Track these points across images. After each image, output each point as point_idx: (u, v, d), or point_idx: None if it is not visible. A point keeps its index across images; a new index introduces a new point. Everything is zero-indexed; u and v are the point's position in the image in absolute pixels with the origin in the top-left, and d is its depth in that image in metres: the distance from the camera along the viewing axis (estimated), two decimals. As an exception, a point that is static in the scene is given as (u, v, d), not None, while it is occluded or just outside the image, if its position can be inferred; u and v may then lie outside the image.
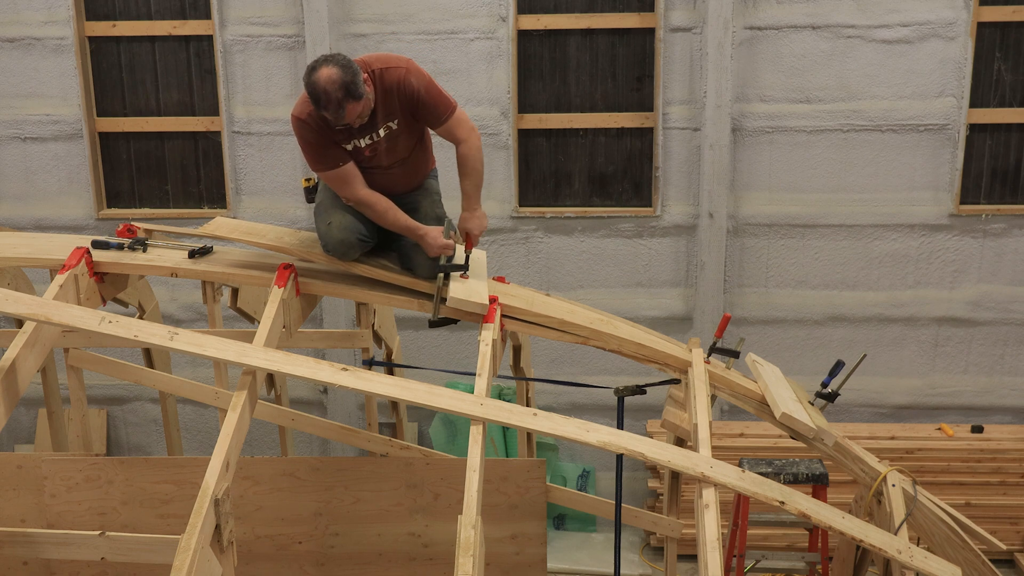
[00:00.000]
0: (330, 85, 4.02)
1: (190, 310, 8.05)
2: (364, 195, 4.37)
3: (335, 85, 4.02)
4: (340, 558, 5.38)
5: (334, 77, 4.02)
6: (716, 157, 7.43)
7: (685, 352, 4.74)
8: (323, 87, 4.02)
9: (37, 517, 5.26)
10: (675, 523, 5.05)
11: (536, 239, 7.84)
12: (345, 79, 4.03)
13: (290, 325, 4.30)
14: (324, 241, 4.43)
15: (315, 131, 4.24)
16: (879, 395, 7.95)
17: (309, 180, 4.59)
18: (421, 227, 4.40)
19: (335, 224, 4.37)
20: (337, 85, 4.02)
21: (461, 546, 3.31)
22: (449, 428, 7.95)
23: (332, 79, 4.02)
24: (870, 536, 4.14)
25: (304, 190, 4.61)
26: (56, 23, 7.60)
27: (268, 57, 7.59)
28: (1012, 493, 7.37)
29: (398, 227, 4.42)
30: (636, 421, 7.78)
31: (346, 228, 4.36)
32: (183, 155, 7.92)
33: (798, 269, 7.80)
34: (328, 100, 4.04)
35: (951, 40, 7.30)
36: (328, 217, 4.40)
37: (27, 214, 7.95)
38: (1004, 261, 7.70)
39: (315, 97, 4.06)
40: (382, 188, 4.45)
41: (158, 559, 3.34)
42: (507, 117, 7.60)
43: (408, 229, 4.41)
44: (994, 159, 7.61)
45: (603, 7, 7.50)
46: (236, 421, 3.61)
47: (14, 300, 3.86)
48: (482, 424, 3.82)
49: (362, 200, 4.37)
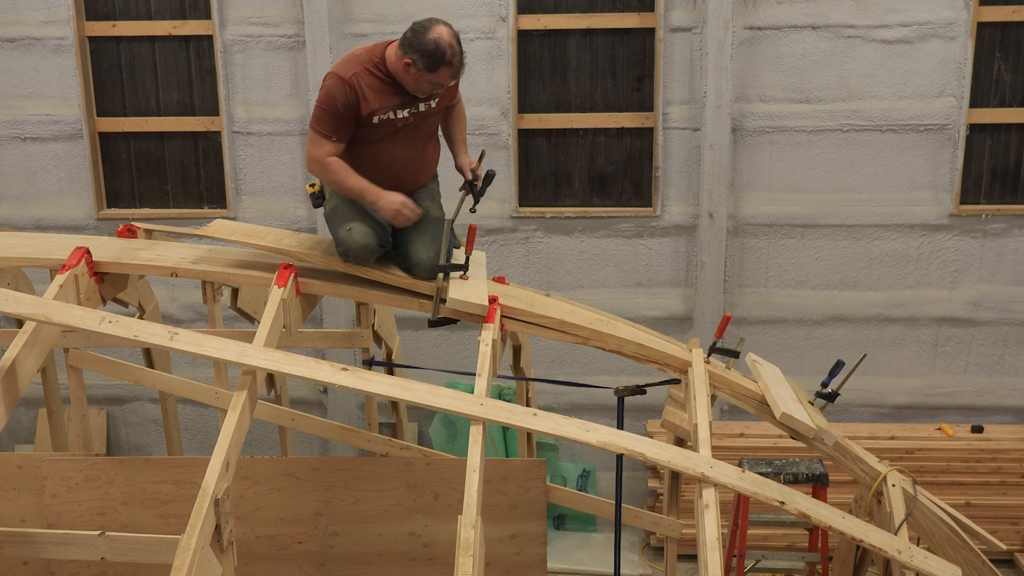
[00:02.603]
0: (455, 40, 4.14)
1: (190, 310, 8.05)
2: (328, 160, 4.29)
3: (457, 41, 4.16)
4: (340, 558, 5.38)
5: (452, 33, 4.19)
6: (716, 157, 7.43)
7: (685, 352, 4.74)
8: (449, 41, 4.11)
9: (37, 517, 5.26)
10: (675, 523, 5.05)
11: (536, 239, 7.84)
12: (458, 35, 4.18)
13: (290, 325, 4.30)
14: (344, 247, 4.36)
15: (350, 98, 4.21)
16: (879, 395, 7.95)
17: (313, 186, 4.54)
18: (373, 191, 4.30)
19: (356, 230, 4.32)
20: (457, 40, 4.16)
21: (461, 546, 3.31)
22: (449, 428, 7.95)
23: (452, 35, 4.16)
24: (870, 536, 4.14)
25: (310, 196, 4.54)
26: (56, 23, 7.60)
27: (268, 57, 7.58)
28: (1012, 493, 7.37)
29: (352, 193, 4.33)
30: (636, 421, 7.78)
31: (367, 234, 4.33)
32: (183, 155, 7.92)
33: (798, 269, 7.80)
34: (454, 53, 4.13)
35: (951, 40, 7.30)
36: (348, 223, 4.35)
37: (27, 214, 7.95)
38: (1004, 261, 7.70)
39: (440, 53, 4.10)
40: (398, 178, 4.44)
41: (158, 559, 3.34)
42: (507, 117, 7.59)
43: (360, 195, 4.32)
44: (994, 159, 7.61)
45: (603, 7, 7.50)
46: (236, 421, 3.60)
47: (14, 300, 3.86)
48: (482, 424, 3.82)
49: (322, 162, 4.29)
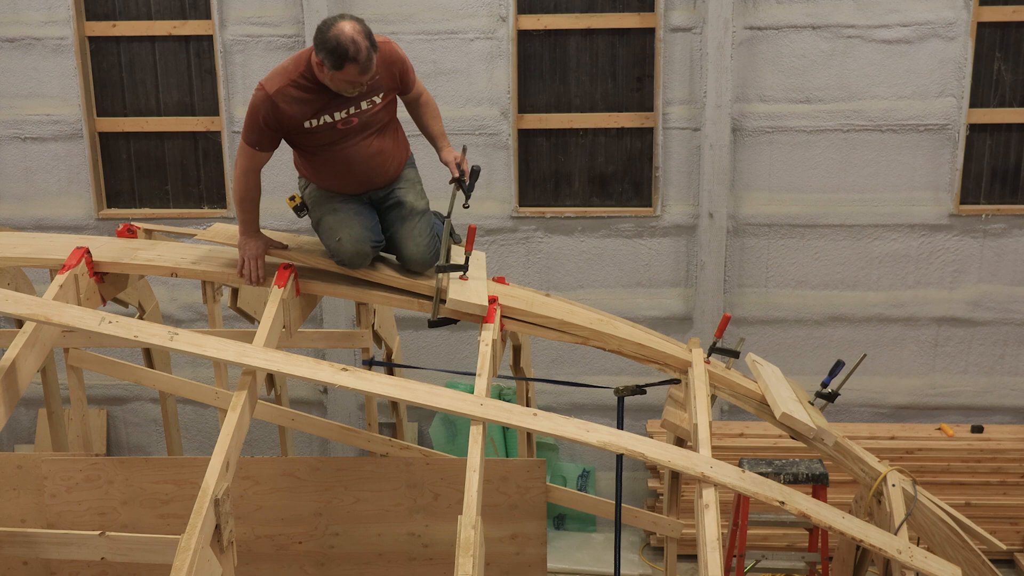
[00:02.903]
0: (358, 35, 3.89)
1: (190, 310, 8.05)
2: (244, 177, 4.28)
3: (362, 34, 3.91)
4: (340, 558, 5.38)
5: (357, 27, 3.91)
6: (716, 157, 7.42)
7: (685, 352, 4.74)
8: (351, 36, 3.88)
9: (37, 517, 5.26)
10: (675, 523, 5.05)
11: (536, 239, 7.84)
12: (366, 29, 3.95)
13: (290, 325, 4.30)
14: (337, 257, 4.38)
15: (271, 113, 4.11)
16: (879, 395, 7.95)
17: (293, 199, 4.52)
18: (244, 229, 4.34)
19: (345, 238, 4.32)
20: (363, 34, 3.92)
21: (461, 546, 3.31)
22: (449, 428, 7.95)
23: (357, 29, 3.91)
24: (870, 536, 4.14)
25: (293, 209, 4.52)
26: (56, 23, 7.60)
27: (268, 57, 7.58)
28: (1012, 493, 7.37)
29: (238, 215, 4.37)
30: (636, 421, 7.78)
31: (357, 240, 4.33)
32: (183, 155, 7.91)
33: (798, 269, 7.80)
34: (358, 49, 3.88)
35: (951, 40, 7.30)
36: (336, 234, 4.35)
37: (27, 214, 7.95)
38: (1004, 261, 7.70)
39: (343, 48, 3.88)
40: (364, 177, 4.39)
41: (158, 559, 3.34)
42: (507, 117, 7.59)
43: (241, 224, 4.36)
44: (994, 159, 7.61)
45: (603, 7, 7.50)
46: (236, 421, 3.60)
47: (14, 300, 3.86)
48: (482, 424, 3.81)
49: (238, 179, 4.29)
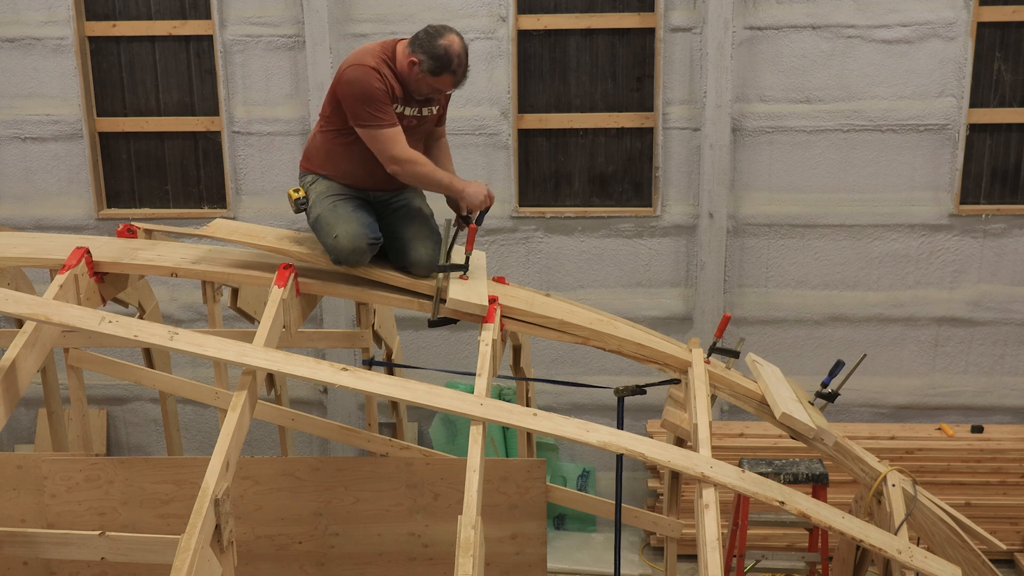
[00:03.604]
0: (463, 51, 4.29)
1: (190, 310, 8.05)
2: (412, 153, 4.38)
3: (466, 53, 4.31)
4: (340, 558, 5.38)
5: (463, 45, 4.30)
6: (716, 157, 7.43)
7: (685, 352, 4.74)
8: (458, 51, 4.26)
9: (37, 517, 5.25)
10: (675, 523, 5.04)
11: (536, 239, 7.84)
12: (467, 48, 4.32)
13: (290, 325, 4.30)
14: (334, 255, 4.37)
15: (383, 84, 4.27)
16: (879, 395, 7.95)
17: (298, 191, 4.53)
18: (459, 181, 4.50)
19: (342, 235, 4.32)
20: (466, 53, 4.31)
21: (461, 546, 3.30)
22: (449, 428, 7.95)
23: (463, 46, 4.30)
24: (870, 536, 4.14)
25: (294, 201, 4.51)
26: (56, 23, 7.60)
27: (268, 57, 7.58)
28: (1012, 493, 7.37)
29: (440, 186, 4.48)
30: (636, 421, 7.78)
31: (354, 236, 4.31)
32: (183, 155, 7.91)
33: (798, 269, 7.80)
34: (460, 64, 4.28)
35: (951, 40, 7.30)
36: (333, 230, 4.35)
37: (27, 214, 7.95)
38: (1004, 261, 7.70)
39: (447, 59, 4.23)
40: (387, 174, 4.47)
41: (158, 559, 3.34)
42: (507, 117, 7.59)
43: (449, 186, 4.48)
44: (994, 159, 7.61)
45: (603, 7, 7.50)
46: (236, 421, 3.60)
47: (14, 300, 3.86)
48: (482, 424, 3.81)
49: (409, 158, 4.36)
